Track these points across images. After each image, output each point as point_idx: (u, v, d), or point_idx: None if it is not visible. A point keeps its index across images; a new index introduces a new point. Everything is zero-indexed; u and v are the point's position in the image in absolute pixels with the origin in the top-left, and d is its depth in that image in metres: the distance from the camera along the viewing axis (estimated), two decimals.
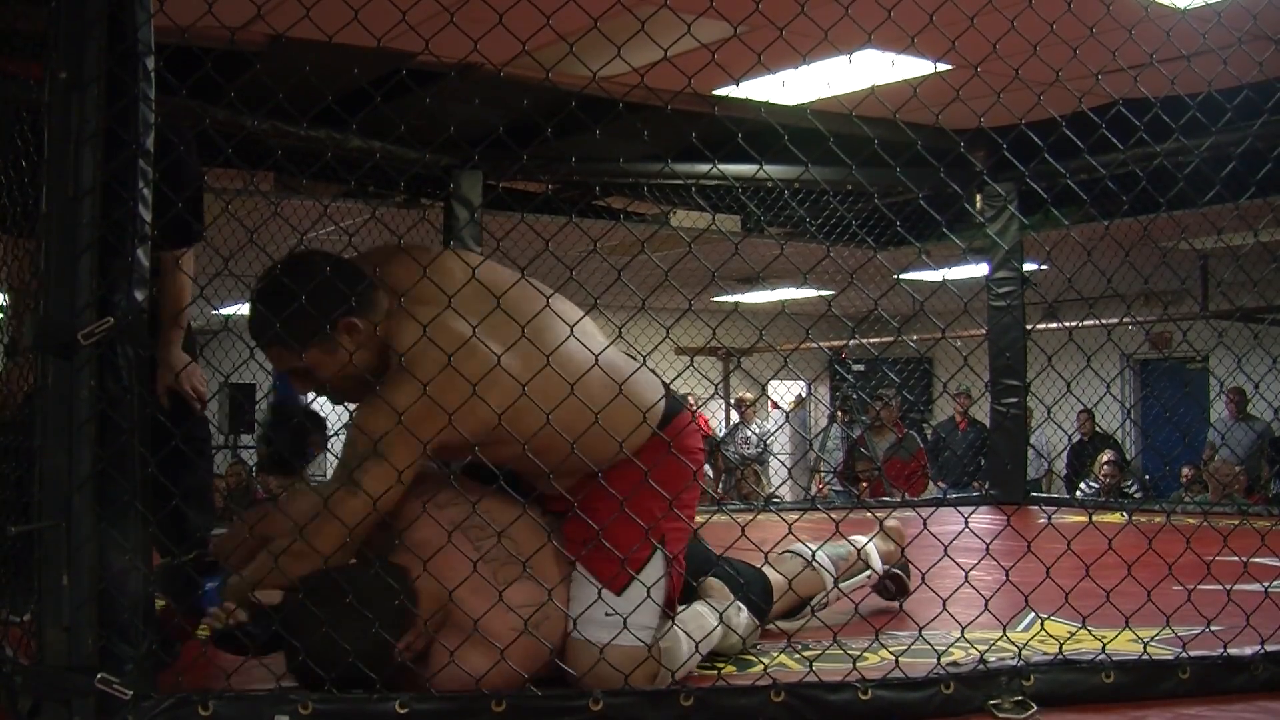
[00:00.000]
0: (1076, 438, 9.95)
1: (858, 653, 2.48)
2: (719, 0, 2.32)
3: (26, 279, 2.90)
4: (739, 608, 2.86)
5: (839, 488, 10.21)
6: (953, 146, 2.84)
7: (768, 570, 3.05)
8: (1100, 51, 2.85)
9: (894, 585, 3.37)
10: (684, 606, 2.66)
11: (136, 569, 2.03)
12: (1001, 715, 2.30)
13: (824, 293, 10.50)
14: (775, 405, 14.40)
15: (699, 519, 2.95)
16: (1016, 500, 7.08)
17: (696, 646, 2.54)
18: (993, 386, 7.36)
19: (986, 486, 7.91)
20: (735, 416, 11.40)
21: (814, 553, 3.11)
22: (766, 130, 2.84)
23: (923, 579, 2.44)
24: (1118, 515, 6.33)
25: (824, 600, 3.14)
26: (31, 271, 2.35)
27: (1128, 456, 9.97)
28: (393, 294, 2.37)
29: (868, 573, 3.30)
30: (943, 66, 4.91)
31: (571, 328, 2.42)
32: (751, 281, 10.83)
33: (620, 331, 2.59)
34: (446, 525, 2.32)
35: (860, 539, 3.32)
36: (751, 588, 2.92)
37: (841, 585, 3.20)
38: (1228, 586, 2.80)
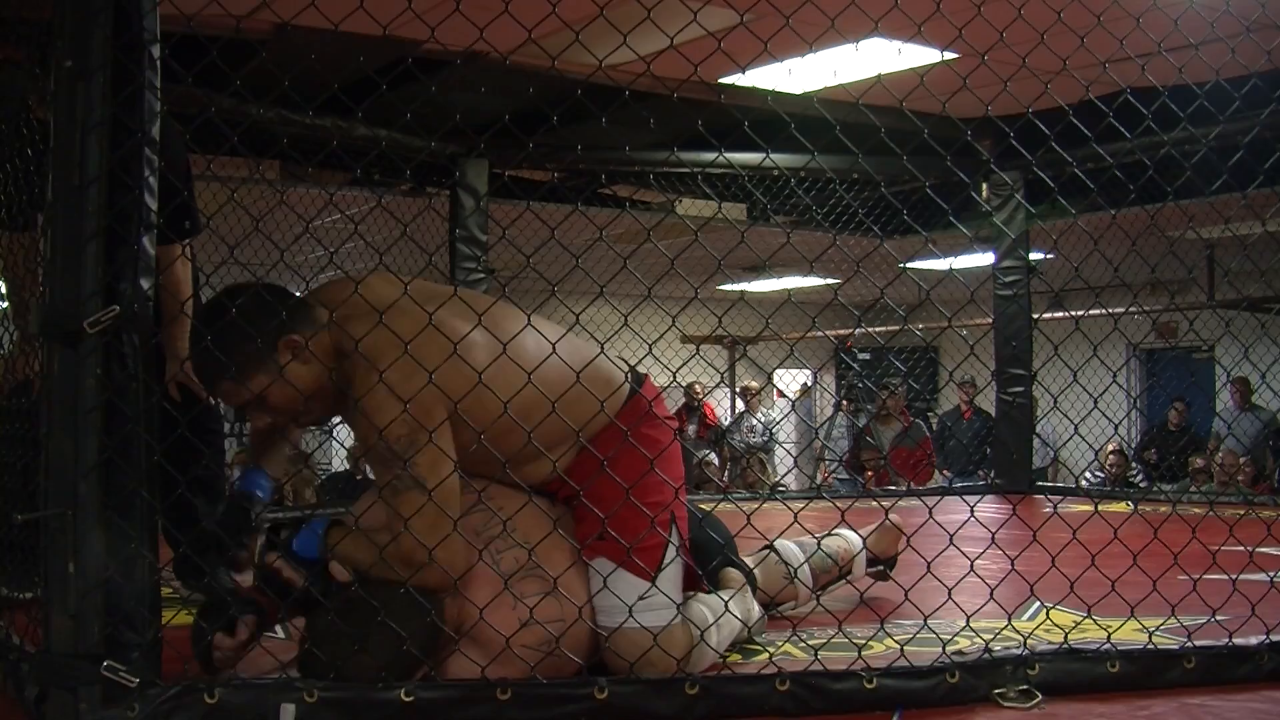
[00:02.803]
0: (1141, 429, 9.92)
1: (863, 641, 2.48)
2: None
3: (21, 272, 2.92)
4: (752, 600, 2.87)
5: (844, 477, 10.21)
6: (959, 135, 2.84)
7: (748, 559, 3.06)
8: (1108, 40, 2.85)
9: (876, 578, 3.38)
10: (695, 594, 2.67)
11: (142, 557, 2.03)
12: (1006, 704, 2.30)
13: (830, 281, 10.49)
14: (781, 394, 14.40)
15: (705, 506, 2.96)
16: (1022, 490, 7.08)
17: (712, 634, 2.56)
18: (998, 376, 7.36)
19: (992, 476, 7.92)
20: (741, 405, 11.40)
21: (795, 570, 3.11)
22: (773, 118, 2.84)
23: (928, 568, 2.44)
24: (1123, 505, 6.34)
25: (794, 607, 3.16)
26: (38, 261, 2.36)
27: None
28: (327, 309, 2.33)
29: (844, 580, 3.27)
30: (949, 55, 4.90)
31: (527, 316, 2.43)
32: (757, 270, 10.82)
33: (626, 320, 2.59)
34: (471, 535, 2.32)
35: (852, 541, 3.29)
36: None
37: (820, 595, 3.19)
38: (1233, 576, 2.80)
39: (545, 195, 7.46)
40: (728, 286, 12.02)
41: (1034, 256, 7.72)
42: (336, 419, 2.56)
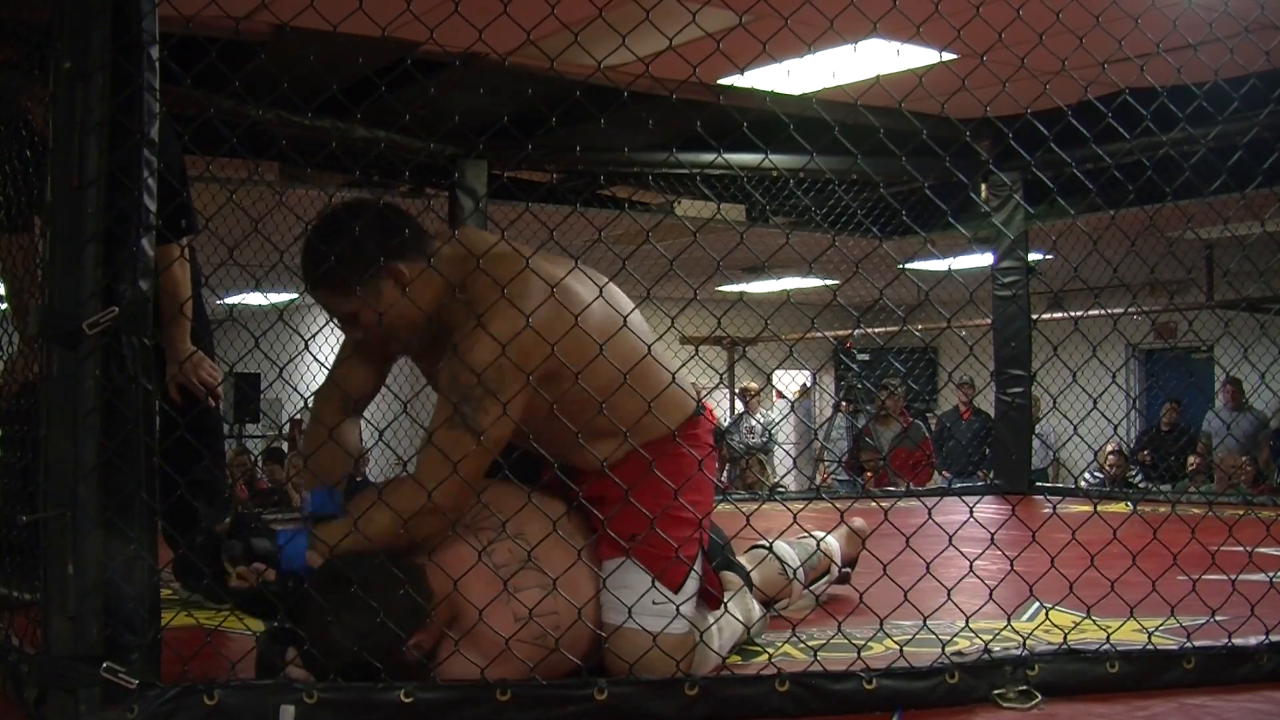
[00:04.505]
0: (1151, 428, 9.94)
1: (862, 642, 2.48)
2: None
3: (20, 275, 2.92)
4: (752, 601, 2.87)
5: (844, 478, 10.21)
6: (958, 136, 2.84)
7: (743, 560, 3.07)
8: (1106, 40, 2.85)
9: (840, 582, 3.47)
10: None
11: (142, 558, 2.03)
12: (1006, 705, 2.30)
13: (829, 282, 10.48)
14: (780, 395, 14.40)
15: None
16: (1021, 490, 7.08)
17: (714, 638, 2.56)
18: (997, 376, 7.36)
19: (991, 476, 7.92)
20: (740, 406, 11.40)
21: (795, 572, 3.16)
22: (771, 119, 2.84)
23: (928, 568, 2.44)
24: (1123, 505, 6.34)
25: (787, 604, 3.17)
26: (37, 263, 2.36)
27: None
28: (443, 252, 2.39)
29: (828, 576, 3.37)
30: (948, 55, 4.90)
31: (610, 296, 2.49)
32: (756, 271, 10.83)
33: (625, 321, 2.59)
34: (464, 529, 2.33)
35: (831, 541, 3.38)
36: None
37: (808, 590, 3.27)
38: (1232, 577, 2.80)
39: (544, 196, 7.46)
40: (727, 287, 12.03)
41: (1033, 257, 7.72)
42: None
